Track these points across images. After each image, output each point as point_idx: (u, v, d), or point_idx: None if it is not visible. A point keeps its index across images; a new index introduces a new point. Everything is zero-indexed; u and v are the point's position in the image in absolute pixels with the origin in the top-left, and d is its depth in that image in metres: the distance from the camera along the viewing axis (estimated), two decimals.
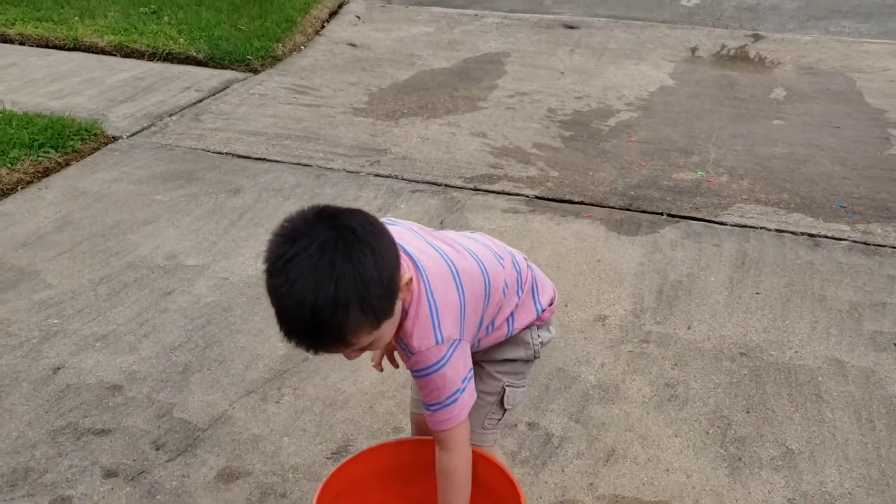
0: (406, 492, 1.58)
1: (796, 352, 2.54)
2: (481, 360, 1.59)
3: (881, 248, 3.21)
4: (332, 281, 1.18)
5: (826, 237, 3.28)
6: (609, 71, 5.50)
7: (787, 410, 2.28)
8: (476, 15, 6.83)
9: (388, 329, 1.31)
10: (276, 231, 1.27)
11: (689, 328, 2.65)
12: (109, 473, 2.01)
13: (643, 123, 4.54)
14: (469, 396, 1.42)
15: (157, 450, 2.10)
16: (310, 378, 2.39)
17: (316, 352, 1.27)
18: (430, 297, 1.36)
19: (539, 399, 2.31)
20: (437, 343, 1.36)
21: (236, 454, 2.09)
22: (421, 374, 1.39)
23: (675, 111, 4.75)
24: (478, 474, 1.47)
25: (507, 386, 1.61)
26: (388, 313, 1.27)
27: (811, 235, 3.29)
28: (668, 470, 2.06)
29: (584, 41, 6.17)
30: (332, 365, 2.44)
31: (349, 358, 1.35)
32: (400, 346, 1.40)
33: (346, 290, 1.18)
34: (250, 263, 3.01)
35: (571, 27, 6.55)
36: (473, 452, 1.46)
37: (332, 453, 2.09)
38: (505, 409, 1.63)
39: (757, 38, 6.32)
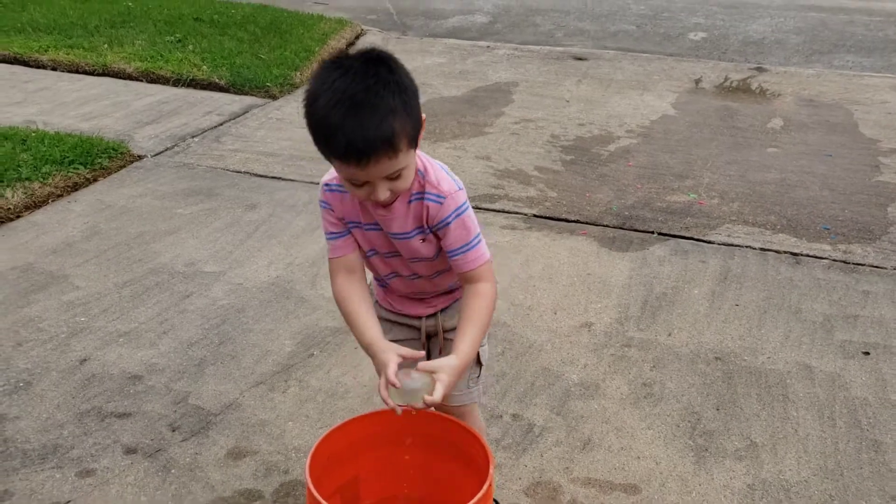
0: (397, 452, 1.76)
1: (768, 357, 2.72)
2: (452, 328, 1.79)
3: (859, 266, 3.38)
4: (381, 86, 1.39)
5: (807, 255, 3.45)
6: (614, 100, 5.72)
7: (755, 408, 2.46)
8: (488, 47, 7.11)
9: (412, 163, 1.51)
10: (317, 72, 1.46)
11: (669, 335, 2.83)
12: (129, 450, 2.22)
13: (642, 149, 4.74)
14: (485, 245, 1.66)
15: (173, 431, 2.30)
16: (314, 372, 2.60)
17: (371, 161, 1.41)
18: (432, 160, 1.63)
19: (524, 394, 2.49)
20: (458, 188, 1.61)
21: (245, 436, 2.29)
22: (451, 218, 1.59)
23: (674, 139, 4.96)
24: (452, 437, 1.66)
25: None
26: (419, 131, 1.48)
27: (793, 254, 3.47)
28: (638, 457, 2.24)
29: (591, 72, 6.41)
30: (334, 361, 2.65)
31: (381, 196, 1.48)
32: (429, 200, 1.58)
33: (393, 95, 1.40)
34: (263, 271, 3.24)
35: (580, 59, 6.80)
36: (449, 420, 1.66)
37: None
38: (481, 365, 1.84)
39: (761, 70, 6.53)
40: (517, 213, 3.82)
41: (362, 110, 1.38)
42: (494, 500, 1.96)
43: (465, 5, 8.87)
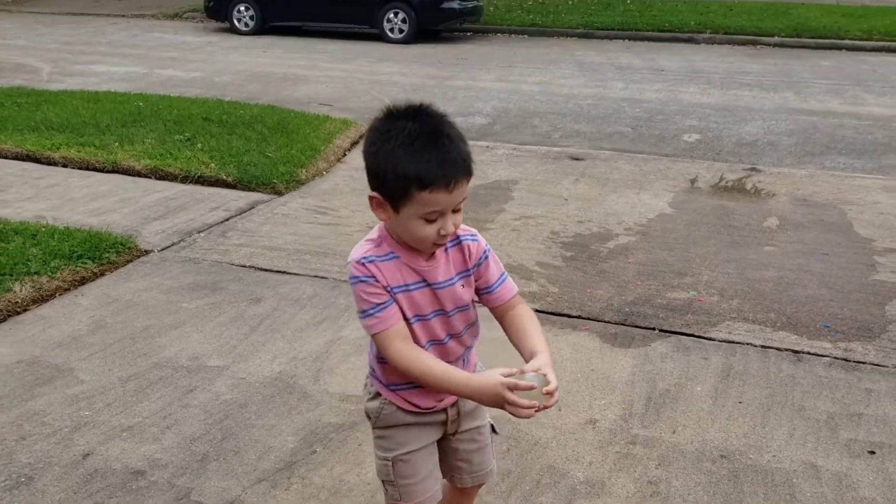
0: None
1: (774, 455, 2.70)
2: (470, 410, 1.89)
3: (861, 364, 3.39)
4: (443, 122, 1.61)
5: (809, 353, 3.48)
6: (611, 199, 5.85)
7: None
8: (487, 146, 7.30)
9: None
10: (381, 120, 1.63)
11: (674, 432, 2.82)
12: None
13: (641, 247, 4.82)
14: None
15: None
16: (317, 469, 2.58)
17: (457, 182, 1.59)
18: None
19: (530, 492, 2.48)
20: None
21: None
22: (487, 251, 1.79)
23: (671, 237, 5.04)
24: None
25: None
26: None
27: (794, 351, 3.49)
28: None
29: (588, 171, 6.57)
30: (337, 458, 2.63)
31: (450, 228, 1.64)
32: (466, 240, 1.75)
33: (454, 128, 1.63)
34: (266, 365, 3.25)
35: (577, 159, 6.97)
36: None
37: None
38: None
39: (754, 171, 6.69)
40: None
41: (442, 141, 1.56)
42: None
43: (464, 108, 9.15)
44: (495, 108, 9.11)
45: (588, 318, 3.77)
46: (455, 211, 1.63)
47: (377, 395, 1.84)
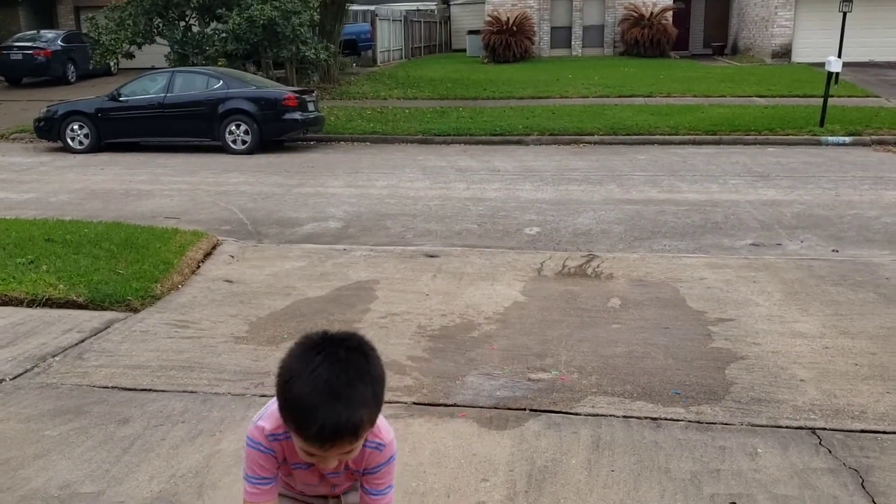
0: None
1: None
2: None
3: (712, 424, 3.73)
4: (359, 378, 1.54)
5: (666, 419, 3.78)
6: (468, 291, 6.11)
7: None
8: (344, 249, 7.45)
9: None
10: (297, 350, 1.58)
11: None
12: None
13: (502, 334, 5.08)
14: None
15: None
16: None
17: (335, 445, 1.55)
18: None
19: None
20: (393, 436, 1.75)
21: None
22: (384, 466, 1.75)
23: (528, 322, 5.34)
24: None
25: None
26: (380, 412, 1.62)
27: (653, 419, 3.78)
28: None
29: (444, 267, 6.84)
30: None
31: (329, 466, 1.62)
32: (370, 447, 1.71)
33: (367, 387, 1.55)
34: (145, 486, 3.14)
35: (432, 256, 7.25)
36: None
37: None
38: None
39: (592, 257, 7.21)
40: (398, 402, 3.96)
41: (339, 402, 1.52)
42: None
43: (317, 213, 9.30)
44: (347, 212, 9.32)
45: (464, 406, 3.93)
46: (344, 453, 1.62)
47: None
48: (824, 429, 3.67)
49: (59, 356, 4.61)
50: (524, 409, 3.88)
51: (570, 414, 3.82)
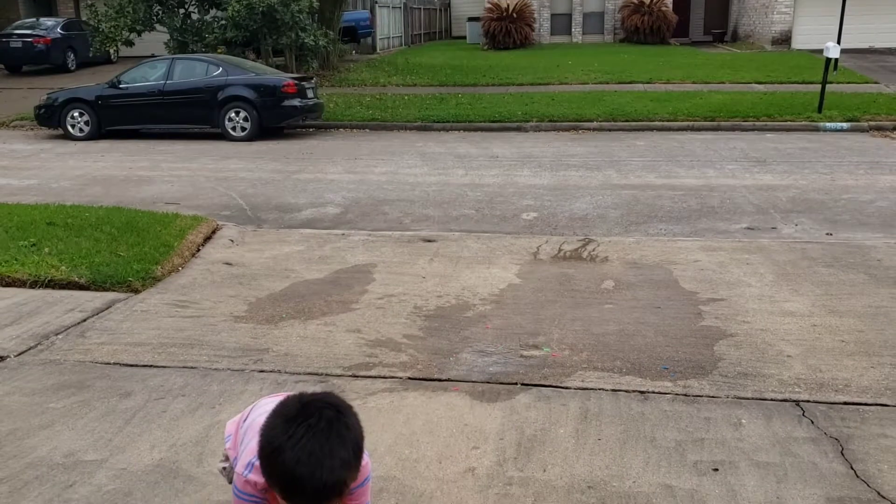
0: None
1: (634, 482, 3.02)
2: None
3: (698, 397, 3.83)
4: (340, 444, 1.64)
5: (653, 392, 3.88)
6: (464, 274, 6.20)
7: None
8: (343, 234, 7.54)
9: None
10: (279, 422, 1.66)
11: (544, 471, 3.09)
12: None
13: (496, 314, 5.17)
14: None
15: None
16: None
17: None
18: None
19: None
20: (368, 457, 1.82)
21: None
22: (361, 485, 1.84)
23: (522, 303, 5.43)
24: None
25: None
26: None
27: (641, 392, 3.88)
28: None
29: (441, 251, 6.92)
30: None
31: None
32: None
33: (348, 450, 1.65)
34: (146, 454, 3.24)
35: (429, 240, 7.33)
36: None
37: None
38: None
39: (588, 241, 7.29)
40: (393, 377, 4.05)
41: (323, 469, 1.62)
42: None
43: (315, 199, 9.38)
44: (346, 198, 9.40)
45: (457, 380, 4.02)
46: None
47: (225, 458, 2.01)
48: (808, 401, 3.76)
49: (62, 334, 4.71)
50: (515, 384, 3.97)
51: (560, 388, 3.92)
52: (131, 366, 4.25)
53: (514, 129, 14.95)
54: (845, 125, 14.18)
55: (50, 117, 14.69)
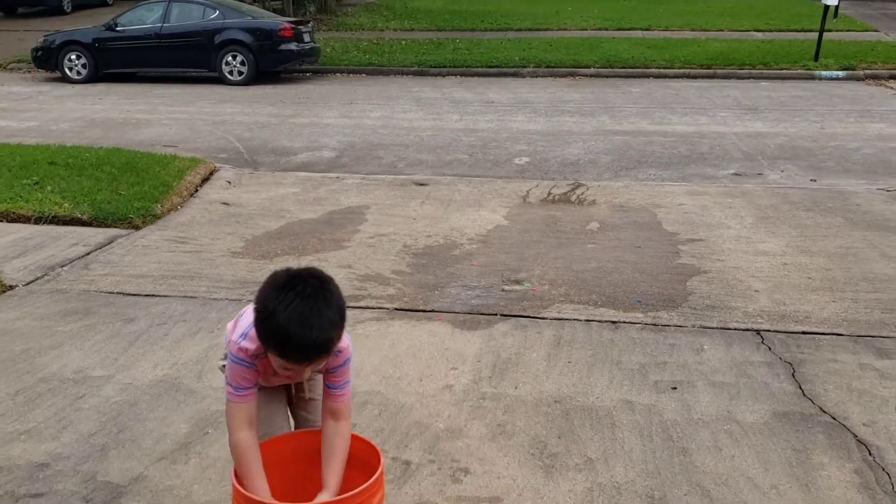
0: (309, 469, 2.13)
1: (597, 397, 3.28)
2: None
3: (666, 327, 4.08)
4: (326, 306, 1.85)
5: (624, 322, 4.13)
6: (454, 216, 6.42)
7: (589, 434, 2.99)
8: (337, 177, 7.73)
9: None
10: (270, 290, 1.87)
11: (516, 388, 3.35)
12: None
13: (482, 252, 5.40)
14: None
15: (87, 503, 2.52)
16: (211, 445, 2.89)
17: (312, 362, 1.89)
18: None
19: (400, 441, 2.91)
20: (349, 341, 2.07)
21: (155, 499, 2.55)
22: (341, 366, 2.07)
23: (508, 243, 5.66)
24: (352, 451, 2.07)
25: None
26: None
27: (613, 322, 4.14)
28: (499, 477, 2.69)
29: (433, 194, 7.12)
30: None
31: (303, 378, 1.99)
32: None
33: (334, 311, 1.87)
34: (150, 371, 3.51)
35: (422, 184, 7.52)
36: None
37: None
38: None
39: (578, 186, 7.48)
40: (380, 308, 4.31)
41: (313, 328, 1.83)
42: None
43: (311, 143, 9.54)
44: (341, 142, 9.56)
45: (441, 311, 4.27)
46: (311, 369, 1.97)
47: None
48: (768, 330, 4.02)
49: (67, 266, 4.95)
50: (495, 315, 4.22)
51: (537, 318, 4.17)
52: (134, 295, 4.50)
53: (511, 75, 15.00)
54: (841, 73, 14.24)
55: (47, 60, 14.73)
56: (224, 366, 2.15)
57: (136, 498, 2.56)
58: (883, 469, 2.81)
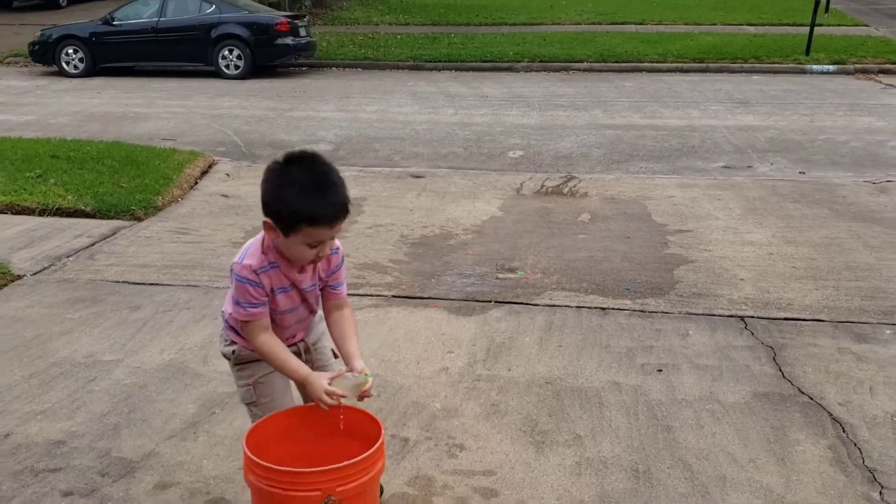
0: (305, 446, 2.28)
1: (587, 379, 3.44)
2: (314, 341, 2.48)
3: (653, 313, 4.24)
4: (330, 170, 2.08)
5: (613, 309, 4.29)
6: (450, 207, 6.56)
7: (578, 413, 3.14)
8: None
9: None
10: (275, 178, 2.06)
11: (509, 370, 3.51)
12: (66, 494, 2.58)
13: (477, 242, 5.55)
14: None
15: (103, 476, 2.68)
16: (219, 424, 3.04)
17: (338, 221, 2.07)
18: None
19: (398, 420, 3.06)
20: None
21: (167, 473, 2.70)
22: (341, 263, 2.29)
23: (502, 233, 5.81)
24: (352, 423, 2.21)
25: None
26: None
27: (602, 308, 4.29)
28: (492, 453, 2.85)
29: (429, 186, 7.27)
30: (235, 415, 3.10)
31: (328, 251, 2.16)
32: (334, 253, 2.23)
33: (337, 174, 2.10)
34: (157, 356, 3.65)
35: (418, 176, 7.67)
36: (350, 408, 2.21)
37: (242, 466, 2.74)
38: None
39: (570, 178, 7.63)
40: (378, 295, 4.45)
41: (329, 188, 2.02)
42: (381, 487, 2.48)
43: (308, 136, 9.67)
44: (338, 135, 9.69)
45: (437, 298, 4.42)
46: (333, 237, 2.16)
47: (232, 342, 2.35)
48: (752, 317, 4.18)
49: (73, 257, 5.08)
50: (490, 301, 4.38)
51: (530, 304, 4.32)
52: (139, 284, 4.63)
53: (506, 69, 15.13)
54: (831, 68, 14.40)
55: (44, 54, 14.81)
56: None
57: (149, 472, 2.70)
58: (855, 444, 2.98)
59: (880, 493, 2.69)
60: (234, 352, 2.34)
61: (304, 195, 1.99)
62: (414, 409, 3.17)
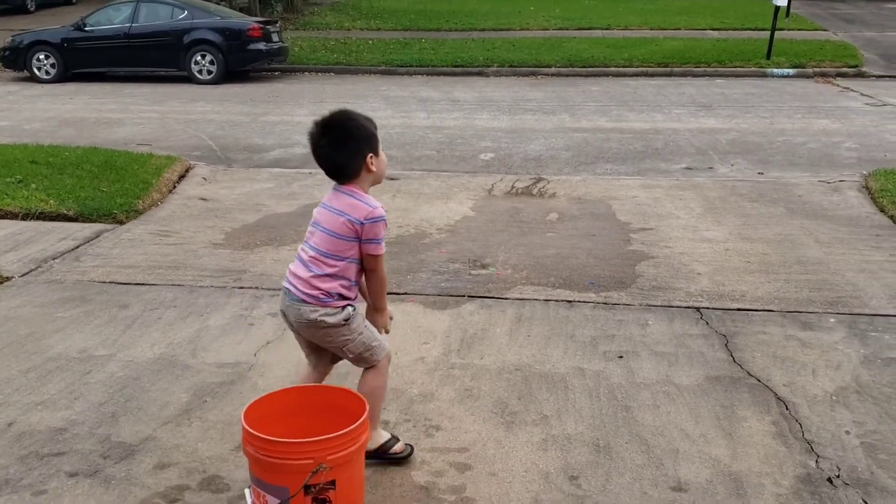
0: (297, 422, 2.51)
1: (553, 365, 3.70)
2: None
3: (616, 305, 4.52)
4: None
5: (579, 301, 4.56)
6: (424, 208, 6.80)
7: (545, 395, 3.40)
8: (310, 173, 8.05)
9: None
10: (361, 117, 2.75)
11: (481, 358, 3.76)
12: (72, 475, 2.78)
13: (450, 241, 5.80)
14: None
15: (105, 458, 2.88)
16: (210, 411, 3.25)
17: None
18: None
19: None
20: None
21: (165, 455, 2.91)
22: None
23: (474, 232, 6.06)
24: (338, 401, 2.44)
25: None
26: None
27: (568, 301, 4.56)
28: (466, 432, 3.09)
29: (403, 188, 7.50)
30: (226, 402, 3.32)
31: None
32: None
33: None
34: (148, 350, 3.85)
35: (393, 178, 7.88)
36: (335, 388, 2.45)
37: (235, 447, 2.96)
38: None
39: (539, 179, 7.90)
40: None
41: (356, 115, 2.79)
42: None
43: (283, 140, 9.85)
44: None
45: (413, 294, 4.66)
46: None
47: (345, 306, 2.72)
48: (707, 308, 4.47)
49: (59, 259, 5.24)
50: (463, 296, 4.62)
51: (501, 298, 4.58)
52: (125, 284, 4.82)
53: (476, 74, 15.41)
54: (791, 71, 14.87)
55: (15, 60, 14.83)
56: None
57: (148, 454, 2.91)
58: (796, 420, 3.26)
59: (816, 461, 2.98)
60: (349, 312, 2.70)
61: (368, 121, 2.75)
62: (393, 394, 3.40)
